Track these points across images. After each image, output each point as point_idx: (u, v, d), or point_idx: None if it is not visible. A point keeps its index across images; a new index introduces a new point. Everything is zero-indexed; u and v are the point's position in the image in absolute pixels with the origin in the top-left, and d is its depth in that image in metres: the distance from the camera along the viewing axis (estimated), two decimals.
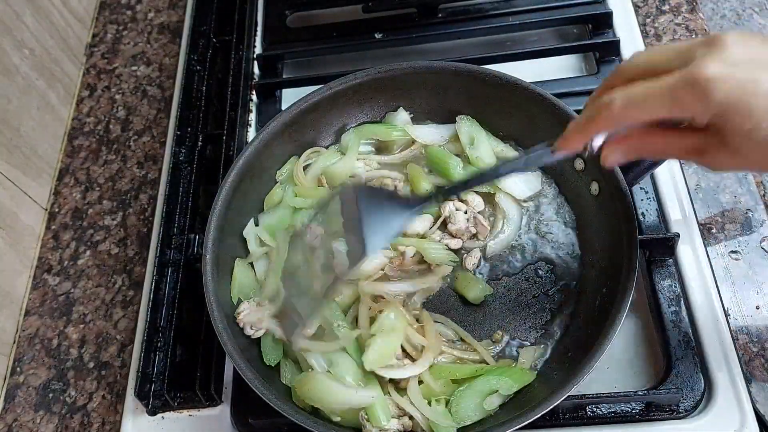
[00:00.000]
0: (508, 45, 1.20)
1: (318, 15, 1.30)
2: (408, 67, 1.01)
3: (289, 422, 0.80)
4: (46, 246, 1.14)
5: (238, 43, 1.22)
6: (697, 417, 0.84)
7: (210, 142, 1.11)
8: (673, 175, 1.01)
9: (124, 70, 1.32)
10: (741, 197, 1.01)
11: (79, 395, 1.00)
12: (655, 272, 0.93)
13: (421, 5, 1.22)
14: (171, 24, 1.37)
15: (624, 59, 1.13)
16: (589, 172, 0.94)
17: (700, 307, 0.91)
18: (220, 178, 1.04)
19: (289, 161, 1.04)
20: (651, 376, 0.89)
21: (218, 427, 0.92)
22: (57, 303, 1.08)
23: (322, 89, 1.01)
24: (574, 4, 1.20)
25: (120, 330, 1.04)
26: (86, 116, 1.27)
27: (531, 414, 0.76)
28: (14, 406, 1.00)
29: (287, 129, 1.00)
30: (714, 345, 0.88)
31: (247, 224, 0.98)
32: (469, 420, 0.82)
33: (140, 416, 0.94)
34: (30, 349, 1.04)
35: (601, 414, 0.86)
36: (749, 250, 0.96)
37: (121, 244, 1.12)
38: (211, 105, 1.16)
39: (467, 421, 0.82)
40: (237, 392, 0.93)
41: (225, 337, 0.83)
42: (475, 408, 0.82)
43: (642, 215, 0.97)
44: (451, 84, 1.01)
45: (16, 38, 1.14)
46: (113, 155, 1.22)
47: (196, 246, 0.99)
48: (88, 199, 1.18)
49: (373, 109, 1.07)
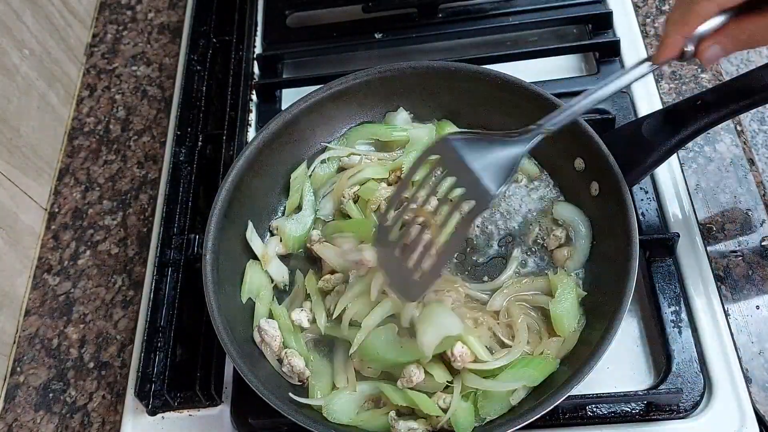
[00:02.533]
0: (508, 45, 1.20)
1: (318, 15, 1.30)
2: (408, 67, 1.02)
3: (289, 422, 0.80)
4: (46, 246, 1.14)
5: (238, 43, 1.22)
6: (697, 417, 0.84)
7: (210, 142, 1.11)
8: (673, 175, 1.01)
9: (124, 70, 1.32)
10: (741, 197, 1.00)
11: (79, 395, 1.00)
12: (655, 272, 0.93)
13: (421, 5, 1.22)
14: (171, 24, 1.37)
15: (624, 60, 1.13)
16: (589, 172, 0.94)
17: (700, 307, 0.91)
18: (220, 178, 1.04)
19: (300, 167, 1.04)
20: (651, 376, 0.89)
21: (218, 427, 0.92)
22: (57, 303, 1.08)
23: (322, 89, 1.01)
24: (574, 4, 1.20)
25: (120, 330, 1.04)
26: (86, 116, 1.27)
27: (531, 414, 0.76)
28: (14, 406, 1.00)
29: (287, 129, 1.00)
30: (714, 345, 0.88)
31: (248, 227, 0.98)
32: (494, 414, 0.82)
33: (140, 416, 0.94)
34: (30, 349, 1.04)
35: (601, 414, 0.86)
36: (749, 250, 0.96)
37: (121, 244, 1.12)
38: (211, 105, 1.16)
39: (493, 415, 0.82)
40: (237, 392, 0.93)
41: (225, 337, 0.83)
42: (501, 402, 0.82)
43: (642, 215, 0.97)
44: (451, 84, 1.01)
45: (16, 38, 1.14)
46: (113, 155, 1.22)
47: (196, 246, 1.00)
48: (88, 199, 1.18)
49: (373, 109, 1.07)
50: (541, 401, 0.77)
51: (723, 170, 1.03)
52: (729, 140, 1.05)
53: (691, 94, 0.92)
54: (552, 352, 0.86)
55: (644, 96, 1.09)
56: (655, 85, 1.10)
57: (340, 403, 0.84)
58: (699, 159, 1.04)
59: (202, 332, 0.94)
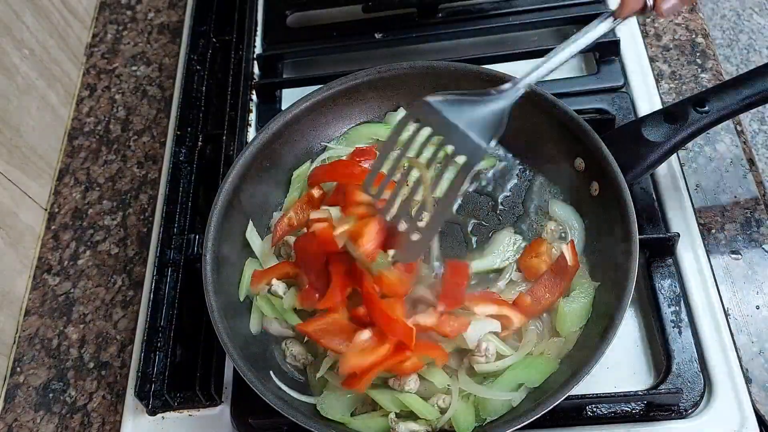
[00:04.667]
0: (508, 45, 1.20)
1: (318, 15, 1.30)
2: (408, 67, 1.02)
3: (289, 422, 0.80)
4: (46, 246, 1.14)
5: (238, 43, 1.22)
6: (697, 417, 0.84)
7: (210, 142, 1.11)
8: (673, 175, 1.01)
9: (124, 70, 1.32)
10: (741, 197, 1.01)
11: (79, 395, 1.00)
12: (655, 272, 0.93)
13: (421, 5, 1.22)
14: (171, 24, 1.37)
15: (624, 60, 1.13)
16: (589, 172, 0.94)
17: (700, 307, 0.91)
18: (220, 178, 1.04)
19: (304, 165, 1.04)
20: (651, 376, 0.89)
21: (218, 427, 0.92)
22: (57, 303, 1.08)
23: (322, 89, 1.01)
24: (574, 4, 1.20)
25: (120, 330, 1.04)
26: (86, 116, 1.27)
27: (531, 414, 0.76)
28: (14, 406, 1.00)
29: (287, 129, 1.00)
30: (714, 345, 0.88)
31: (248, 226, 0.98)
32: (495, 415, 0.82)
33: (140, 416, 0.94)
34: (30, 349, 1.04)
35: (601, 414, 0.86)
36: (749, 250, 0.96)
37: (121, 244, 1.12)
38: (211, 105, 1.16)
39: (493, 416, 0.82)
40: (237, 392, 0.93)
41: (225, 337, 0.83)
42: (502, 403, 0.82)
43: (642, 215, 0.97)
44: (451, 84, 1.01)
45: (16, 38, 1.14)
46: (113, 155, 1.22)
47: (196, 246, 1.00)
48: (88, 199, 1.18)
49: (373, 109, 1.07)
50: (540, 401, 0.77)
51: (723, 170, 1.03)
52: (729, 140, 1.05)
53: (691, 94, 0.92)
54: (553, 353, 0.86)
55: (644, 96, 1.09)
56: (655, 85, 1.11)
57: (331, 400, 0.84)
58: (699, 159, 1.04)
59: (202, 332, 0.94)
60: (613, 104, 1.07)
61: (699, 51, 1.15)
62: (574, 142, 0.93)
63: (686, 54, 1.15)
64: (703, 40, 1.16)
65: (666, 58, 1.15)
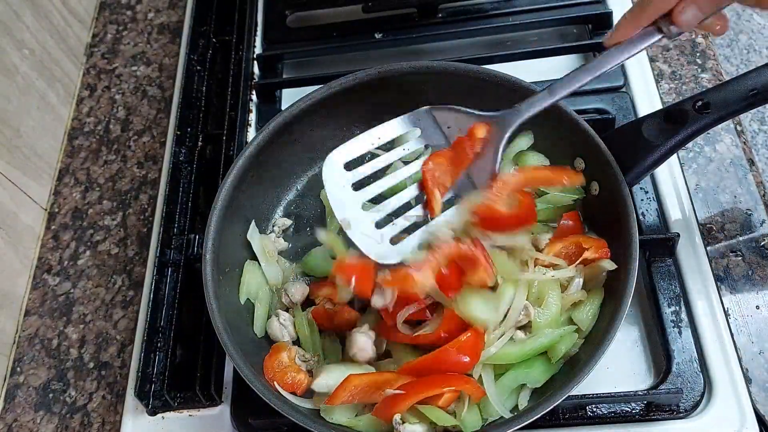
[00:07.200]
0: (508, 45, 1.20)
1: (318, 15, 1.30)
2: (408, 67, 1.01)
3: (289, 422, 0.80)
4: (46, 246, 1.14)
5: (238, 43, 1.22)
6: (697, 417, 0.84)
7: (210, 142, 1.11)
8: (673, 175, 1.02)
9: (124, 70, 1.33)
10: (741, 197, 1.01)
11: (79, 395, 1.00)
12: (655, 272, 0.93)
13: (421, 5, 1.22)
14: (171, 24, 1.37)
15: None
16: (589, 172, 0.94)
17: (700, 307, 0.91)
18: (220, 178, 1.04)
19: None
20: (651, 376, 0.89)
21: (218, 427, 0.92)
22: (57, 303, 1.08)
23: (322, 89, 1.01)
24: (574, 4, 1.20)
25: (120, 330, 1.04)
26: (86, 116, 1.27)
27: (531, 414, 0.76)
28: (14, 406, 1.00)
29: (287, 129, 1.00)
30: (714, 345, 0.88)
31: (250, 226, 0.98)
32: (496, 415, 0.82)
33: (140, 416, 0.94)
34: (30, 350, 1.04)
35: (601, 414, 0.86)
36: (749, 250, 0.96)
37: (121, 244, 1.12)
38: (211, 105, 1.16)
39: (494, 416, 0.82)
40: (237, 392, 0.93)
41: (225, 337, 0.83)
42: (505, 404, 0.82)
43: (642, 215, 0.97)
44: (451, 84, 1.01)
45: (16, 38, 1.14)
46: (113, 155, 1.22)
47: (196, 246, 1.00)
48: (88, 199, 1.18)
49: (372, 110, 1.07)
50: (541, 401, 0.77)
51: (723, 170, 1.03)
52: (729, 140, 1.05)
53: (691, 94, 0.92)
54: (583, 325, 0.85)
55: (644, 96, 1.09)
56: (655, 85, 1.11)
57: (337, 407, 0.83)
58: (699, 159, 1.04)
59: (202, 332, 0.94)
60: (613, 104, 1.07)
61: (699, 51, 1.15)
62: (574, 142, 0.93)
63: (686, 54, 1.15)
64: (703, 41, 1.16)
65: (666, 58, 1.15)
